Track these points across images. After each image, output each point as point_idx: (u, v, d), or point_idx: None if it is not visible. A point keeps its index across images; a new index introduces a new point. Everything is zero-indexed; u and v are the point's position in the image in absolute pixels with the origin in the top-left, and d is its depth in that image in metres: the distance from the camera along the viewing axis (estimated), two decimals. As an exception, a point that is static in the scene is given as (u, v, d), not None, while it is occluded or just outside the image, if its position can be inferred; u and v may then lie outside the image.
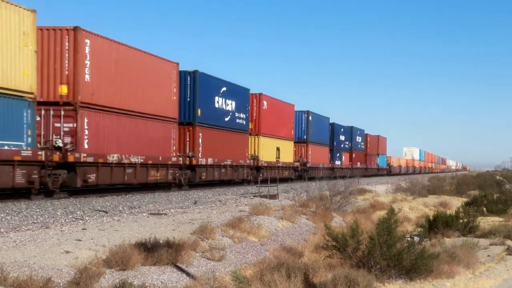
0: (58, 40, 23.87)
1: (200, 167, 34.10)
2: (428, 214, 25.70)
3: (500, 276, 12.76)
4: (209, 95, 35.16)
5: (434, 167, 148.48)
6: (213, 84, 35.94)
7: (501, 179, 64.44)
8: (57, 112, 23.79)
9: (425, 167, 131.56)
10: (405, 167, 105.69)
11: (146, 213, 19.42)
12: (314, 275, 10.69)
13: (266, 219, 19.22)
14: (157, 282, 10.91)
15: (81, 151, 24.01)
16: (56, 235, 13.18)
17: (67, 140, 23.81)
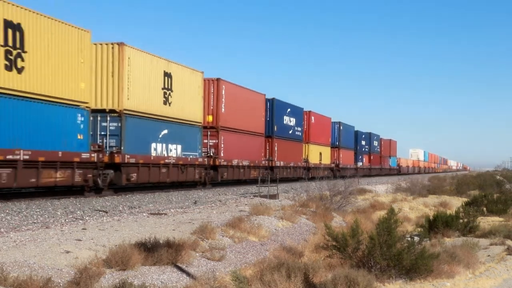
0: (207, 86, 36.82)
1: (277, 168, 47.33)
2: (428, 214, 25.69)
3: (500, 276, 12.76)
4: (280, 115, 48.78)
5: (436, 167, 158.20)
6: (283, 107, 49.39)
7: (501, 179, 64.42)
8: (205, 132, 36.40)
9: (428, 167, 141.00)
10: (412, 167, 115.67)
11: (146, 213, 19.42)
12: (314, 275, 10.69)
13: (266, 219, 19.22)
14: (157, 282, 10.90)
15: (220, 158, 37.23)
16: (56, 235, 13.18)
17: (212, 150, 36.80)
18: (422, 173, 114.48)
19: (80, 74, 24.47)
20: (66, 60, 23.64)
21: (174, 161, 31.87)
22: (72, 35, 24.25)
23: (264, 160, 45.29)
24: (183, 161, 32.88)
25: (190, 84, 34.16)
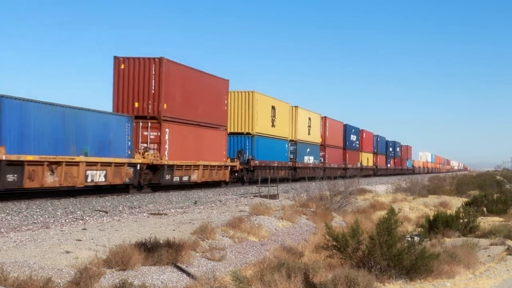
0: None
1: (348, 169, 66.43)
2: (428, 214, 25.68)
3: (500, 276, 12.75)
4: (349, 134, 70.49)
5: (441, 168, 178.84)
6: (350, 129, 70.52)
7: (501, 179, 64.39)
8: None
9: (434, 167, 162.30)
10: (422, 168, 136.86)
11: (146, 213, 19.41)
12: (314, 275, 10.68)
13: (266, 219, 19.21)
14: (157, 282, 10.90)
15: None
16: (56, 235, 13.18)
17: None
18: (430, 172, 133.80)
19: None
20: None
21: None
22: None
23: (342, 164, 66.69)
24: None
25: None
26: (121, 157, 26.81)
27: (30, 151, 21.49)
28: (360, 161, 74.64)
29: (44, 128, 22.46)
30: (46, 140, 22.46)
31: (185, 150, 32.02)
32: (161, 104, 29.62)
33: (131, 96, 29.72)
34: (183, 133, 32.07)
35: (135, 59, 29.82)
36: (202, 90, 34.00)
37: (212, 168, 34.83)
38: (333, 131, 62.74)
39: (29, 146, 21.61)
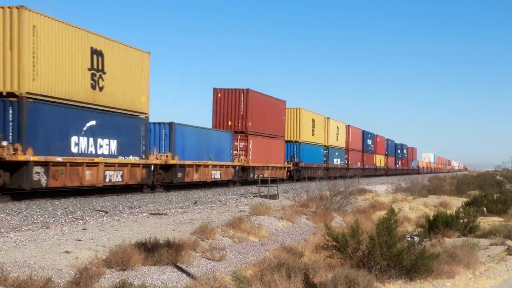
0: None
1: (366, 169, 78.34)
2: (428, 214, 25.67)
3: (500, 276, 12.75)
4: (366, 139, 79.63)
5: (442, 168, 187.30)
6: (367, 134, 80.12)
7: (501, 179, 64.37)
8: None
9: (437, 167, 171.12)
10: (426, 168, 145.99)
11: (146, 213, 19.41)
12: (314, 275, 10.68)
13: (266, 219, 19.21)
14: (157, 282, 10.90)
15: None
16: (56, 235, 13.18)
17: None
18: (433, 172, 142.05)
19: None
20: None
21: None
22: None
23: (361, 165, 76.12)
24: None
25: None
26: (227, 161, 38.25)
27: (187, 158, 32.94)
28: (374, 162, 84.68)
29: (192, 143, 33.64)
30: (193, 151, 33.64)
31: (261, 155, 43.40)
32: (247, 122, 41.19)
33: (226, 116, 41.14)
34: (260, 143, 43.21)
35: (229, 90, 41.29)
36: (269, 110, 45.05)
37: (276, 168, 46.88)
38: (354, 137, 73.37)
39: (187, 155, 32.87)
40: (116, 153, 26.31)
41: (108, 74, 25.72)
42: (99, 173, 24.87)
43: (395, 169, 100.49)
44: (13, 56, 20.88)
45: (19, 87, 20.81)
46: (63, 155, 22.71)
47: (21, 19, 20.82)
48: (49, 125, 22.17)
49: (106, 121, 25.65)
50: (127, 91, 27.28)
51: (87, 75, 24.39)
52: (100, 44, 25.30)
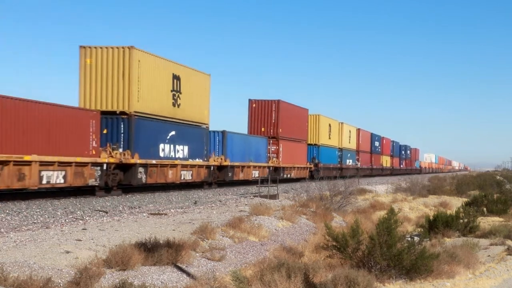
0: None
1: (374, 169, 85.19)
2: (428, 214, 25.67)
3: (500, 276, 12.75)
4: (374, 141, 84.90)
5: (443, 168, 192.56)
6: (374, 137, 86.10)
7: (501, 179, 64.37)
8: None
9: (438, 168, 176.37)
10: (428, 168, 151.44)
11: (146, 213, 19.41)
12: (314, 275, 10.68)
13: (266, 219, 19.21)
14: (157, 282, 10.90)
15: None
16: (56, 235, 13.18)
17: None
18: (434, 172, 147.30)
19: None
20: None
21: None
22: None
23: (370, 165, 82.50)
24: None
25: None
26: (263, 162, 45.07)
27: (235, 160, 39.58)
28: (381, 163, 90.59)
29: (238, 147, 40.03)
30: (239, 154, 40.15)
31: (289, 157, 49.67)
32: (278, 128, 47.54)
33: (260, 123, 47.43)
34: (288, 146, 49.53)
35: (263, 101, 47.75)
36: (295, 117, 51.48)
37: (300, 169, 53.26)
38: (364, 139, 79.20)
39: (235, 157, 39.44)
40: (187, 156, 33.29)
41: (183, 94, 32.76)
42: (177, 173, 31.92)
43: (400, 169, 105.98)
44: (125, 84, 27.67)
45: (129, 107, 27.70)
46: (155, 158, 29.62)
47: (131, 56, 27.68)
48: (146, 135, 28.90)
49: (181, 131, 32.70)
50: (195, 107, 34.40)
51: (170, 96, 31.59)
52: (179, 70, 32.42)
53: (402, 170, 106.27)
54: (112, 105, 27.71)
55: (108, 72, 27.73)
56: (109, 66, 27.76)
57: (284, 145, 48.63)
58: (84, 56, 27.87)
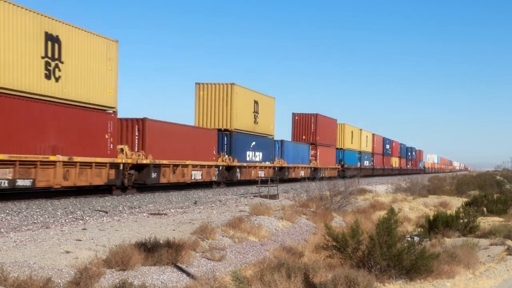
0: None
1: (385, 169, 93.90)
2: (428, 214, 25.66)
3: (500, 276, 12.75)
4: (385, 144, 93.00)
5: (445, 168, 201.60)
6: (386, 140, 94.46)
7: (501, 179, 64.34)
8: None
9: (440, 168, 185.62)
10: (431, 168, 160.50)
11: (146, 213, 19.41)
12: (314, 275, 10.68)
13: (266, 219, 19.20)
14: (157, 282, 10.89)
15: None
16: (56, 235, 13.17)
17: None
18: (437, 172, 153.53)
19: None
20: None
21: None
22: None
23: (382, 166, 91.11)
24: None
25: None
26: (306, 164, 55.97)
27: (290, 162, 50.89)
28: (391, 163, 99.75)
29: (291, 152, 51.56)
30: (292, 157, 51.43)
31: (324, 160, 60.89)
32: (316, 136, 58.58)
33: (302, 132, 58.49)
34: (324, 151, 60.51)
35: (304, 114, 58.78)
36: (327, 126, 62.36)
37: (332, 169, 63.33)
38: (377, 143, 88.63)
39: (291, 160, 51.18)
40: (261, 160, 44.95)
41: (259, 114, 44.59)
42: (256, 172, 43.72)
43: (406, 169, 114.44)
44: (227, 110, 39.69)
45: (230, 126, 39.85)
46: (245, 162, 41.68)
47: (232, 90, 39.77)
48: (240, 145, 40.91)
49: (258, 142, 44.38)
50: (266, 122, 46.37)
51: (252, 116, 43.46)
52: (258, 97, 44.56)
53: (408, 170, 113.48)
54: (218, 124, 39.55)
55: (216, 101, 39.73)
56: (217, 97, 39.84)
57: (320, 150, 59.61)
58: (199, 89, 39.99)
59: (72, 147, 23.52)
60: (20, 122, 21.02)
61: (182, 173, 32.76)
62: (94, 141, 25.04)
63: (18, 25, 20.97)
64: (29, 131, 21.42)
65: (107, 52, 26.26)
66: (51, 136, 22.48)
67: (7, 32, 20.55)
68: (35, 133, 21.71)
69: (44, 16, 22.34)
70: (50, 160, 22.19)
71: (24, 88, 21.17)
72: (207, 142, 36.04)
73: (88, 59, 24.85)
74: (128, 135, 28.91)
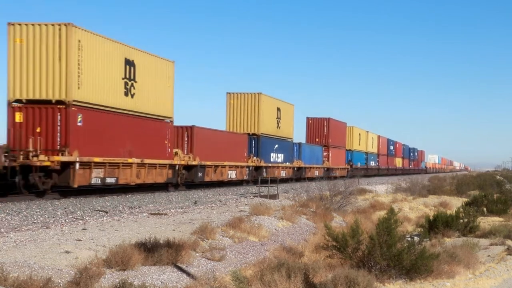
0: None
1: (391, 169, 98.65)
2: (428, 214, 25.66)
3: (500, 276, 12.75)
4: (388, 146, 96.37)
5: (446, 168, 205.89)
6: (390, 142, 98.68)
7: (501, 179, 64.33)
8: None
9: (441, 168, 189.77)
10: (432, 168, 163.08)
11: (146, 213, 19.41)
12: (314, 275, 10.68)
13: (266, 219, 19.20)
14: (157, 282, 10.89)
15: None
16: (56, 235, 13.18)
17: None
18: (438, 172, 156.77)
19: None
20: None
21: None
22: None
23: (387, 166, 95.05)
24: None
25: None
26: (320, 164, 60.91)
27: (306, 163, 56.01)
28: (395, 164, 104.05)
29: (308, 153, 56.63)
30: (308, 158, 56.50)
31: (336, 160, 66.17)
32: (328, 139, 63.62)
33: (315, 135, 63.50)
34: (335, 152, 66.07)
35: (317, 118, 63.68)
36: (338, 129, 67.54)
37: (341, 169, 68.21)
38: (382, 144, 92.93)
39: (307, 161, 56.11)
40: (283, 161, 50.13)
41: (281, 119, 50.20)
42: (279, 171, 48.84)
43: (409, 169, 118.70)
44: (255, 116, 44.82)
45: (258, 130, 45.02)
46: (270, 163, 46.83)
47: (260, 99, 45.19)
48: (266, 148, 46.13)
49: (280, 144, 49.60)
50: (287, 127, 51.79)
51: (275, 121, 48.79)
52: (280, 104, 50.13)
53: (411, 170, 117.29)
54: (246, 129, 44.64)
55: (245, 109, 45.00)
56: (245, 105, 44.92)
57: (332, 152, 64.61)
58: (230, 98, 45.00)
59: (142, 151, 28.34)
60: (108, 131, 25.78)
61: (221, 172, 38.03)
62: (157, 146, 29.95)
63: (107, 53, 25.81)
64: (113, 139, 26.26)
65: (167, 71, 31.30)
66: (127, 142, 27.32)
67: (99, 60, 25.19)
68: (117, 140, 26.56)
69: (124, 44, 27.20)
70: (128, 162, 27.16)
71: (110, 104, 26.14)
72: (239, 145, 41.65)
73: (153, 78, 29.91)
74: (179, 140, 33.82)
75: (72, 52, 23.33)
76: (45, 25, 23.45)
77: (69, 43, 23.15)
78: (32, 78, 23.39)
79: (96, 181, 24.95)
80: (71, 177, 23.29)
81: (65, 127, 23.26)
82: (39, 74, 23.35)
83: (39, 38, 23.34)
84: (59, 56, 23.25)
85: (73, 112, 23.48)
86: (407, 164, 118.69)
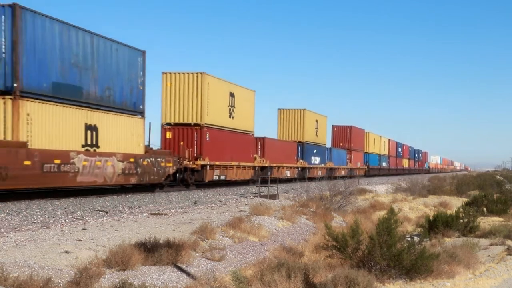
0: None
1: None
2: (428, 214, 25.66)
3: (500, 276, 12.75)
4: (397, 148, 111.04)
5: (447, 168, 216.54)
6: (398, 144, 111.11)
7: (501, 179, 64.34)
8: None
9: (442, 168, 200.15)
10: (435, 168, 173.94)
11: (146, 213, 19.41)
12: (314, 275, 10.68)
13: (266, 219, 19.20)
14: (157, 282, 10.90)
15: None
16: (56, 235, 13.18)
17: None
18: (440, 172, 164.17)
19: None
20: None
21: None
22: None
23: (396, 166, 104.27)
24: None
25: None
26: (344, 165, 70.72)
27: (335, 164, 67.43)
28: (402, 164, 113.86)
29: (336, 156, 68.09)
30: (336, 160, 67.59)
31: (356, 162, 76.30)
32: (351, 143, 74.64)
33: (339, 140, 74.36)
34: (356, 155, 76.86)
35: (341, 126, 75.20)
36: (358, 134, 78.50)
37: (360, 169, 78.70)
38: (392, 146, 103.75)
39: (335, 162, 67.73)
40: (319, 163, 60.96)
41: (319, 129, 62.39)
42: (317, 172, 58.03)
43: (414, 169, 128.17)
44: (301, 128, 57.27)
45: (303, 138, 57.28)
46: (311, 165, 58.06)
47: (304, 114, 57.61)
48: (307, 152, 57.41)
49: (317, 149, 60.78)
50: (323, 134, 63.71)
51: (314, 130, 60.23)
52: (318, 117, 61.83)
53: (416, 170, 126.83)
54: (294, 137, 56.77)
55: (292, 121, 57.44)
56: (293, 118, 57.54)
57: (354, 154, 75.63)
58: (280, 114, 58.12)
59: (237, 156, 39.63)
60: (220, 143, 36.72)
61: (280, 171, 49.55)
62: (245, 152, 41.32)
63: (221, 90, 37.60)
64: (223, 148, 37.14)
65: (250, 97, 43.31)
66: (230, 150, 38.24)
67: (217, 95, 36.71)
68: (225, 149, 37.42)
69: (229, 82, 39.21)
70: (232, 164, 38.71)
71: (222, 124, 37.77)
72: (291, 151, 53.72)
73: (243, 103, 41.32)
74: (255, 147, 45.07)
75: (205, 91, 34.95)
76: (187, 74, 35.12)
77: (203, 86, 34.71)
78: (178, 108, 34.97)
79: (216, 177, 36.33)
80: (205, 175, 34.91)
81: (200, 141, 34.66)
82: (182, 106, 34.96)
83: (182, 82, 35.04)
84: (196, 94, 34.87)
85: (204, 131, 34.89)
86: (413, 164, 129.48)
